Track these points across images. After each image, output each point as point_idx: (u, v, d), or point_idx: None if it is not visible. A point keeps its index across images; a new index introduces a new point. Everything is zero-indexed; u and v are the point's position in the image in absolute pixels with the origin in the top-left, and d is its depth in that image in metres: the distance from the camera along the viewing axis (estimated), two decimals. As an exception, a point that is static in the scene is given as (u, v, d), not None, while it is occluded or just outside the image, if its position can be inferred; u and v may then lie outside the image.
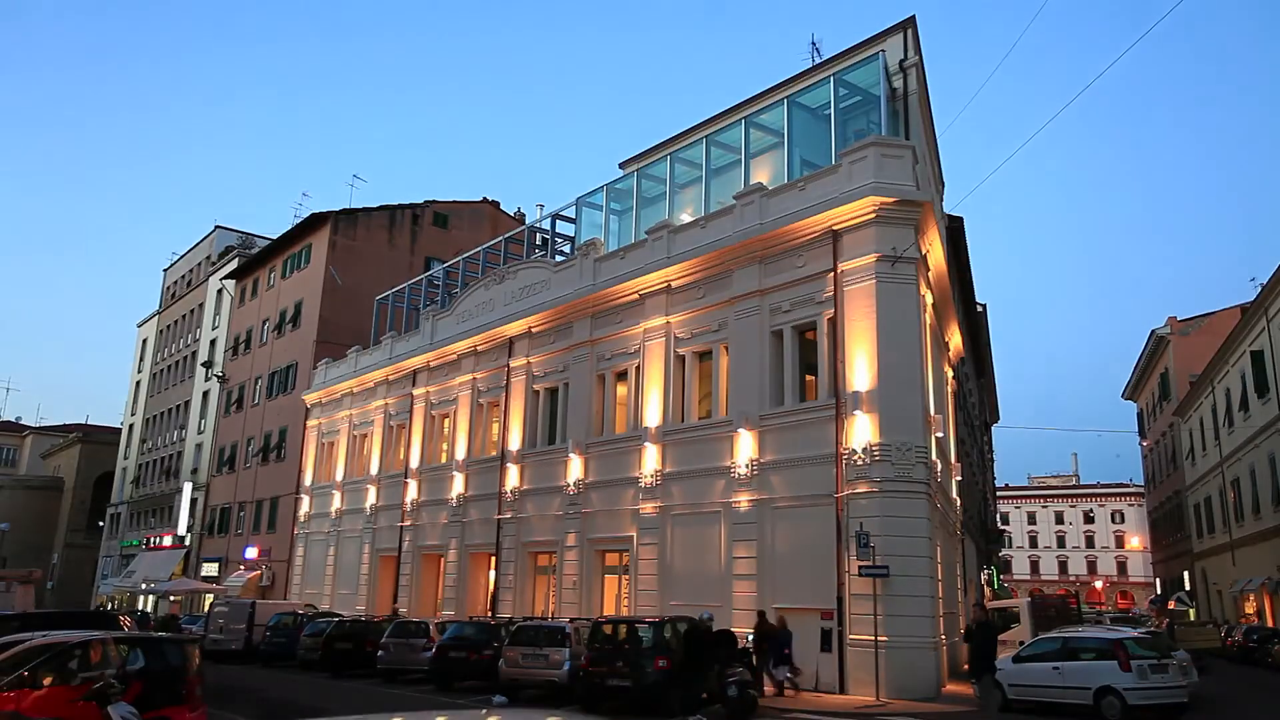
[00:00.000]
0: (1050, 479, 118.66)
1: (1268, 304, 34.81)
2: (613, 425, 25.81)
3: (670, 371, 23.64)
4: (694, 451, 22.44)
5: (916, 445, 18.72)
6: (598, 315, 26.25)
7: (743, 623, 19.86)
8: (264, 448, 46.36)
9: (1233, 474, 41.17)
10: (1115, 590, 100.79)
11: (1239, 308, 45.55)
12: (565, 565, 25.33)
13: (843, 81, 23.44)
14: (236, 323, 53.73)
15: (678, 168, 27.50)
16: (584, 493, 25.29)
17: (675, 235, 24.37)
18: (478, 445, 30.63)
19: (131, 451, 65.22)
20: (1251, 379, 36.97)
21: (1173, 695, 15.72)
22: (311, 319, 44.75)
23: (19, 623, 15.44)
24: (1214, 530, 45.83)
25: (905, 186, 19.64)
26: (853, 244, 19.82)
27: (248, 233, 60.55)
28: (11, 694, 9.22)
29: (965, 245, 36.66)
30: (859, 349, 19.19)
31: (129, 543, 59.99)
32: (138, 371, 69.33)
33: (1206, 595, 48.34)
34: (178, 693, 10.58)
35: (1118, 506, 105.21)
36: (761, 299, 21.54)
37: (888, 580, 17.51)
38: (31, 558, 61.37)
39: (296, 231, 48.10)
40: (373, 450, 36.36)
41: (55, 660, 9.89)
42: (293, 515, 41.35)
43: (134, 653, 10.86)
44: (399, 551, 33.11)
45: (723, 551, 20.96)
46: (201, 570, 49.50)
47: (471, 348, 31.34)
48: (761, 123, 25.18)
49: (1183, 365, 51.65)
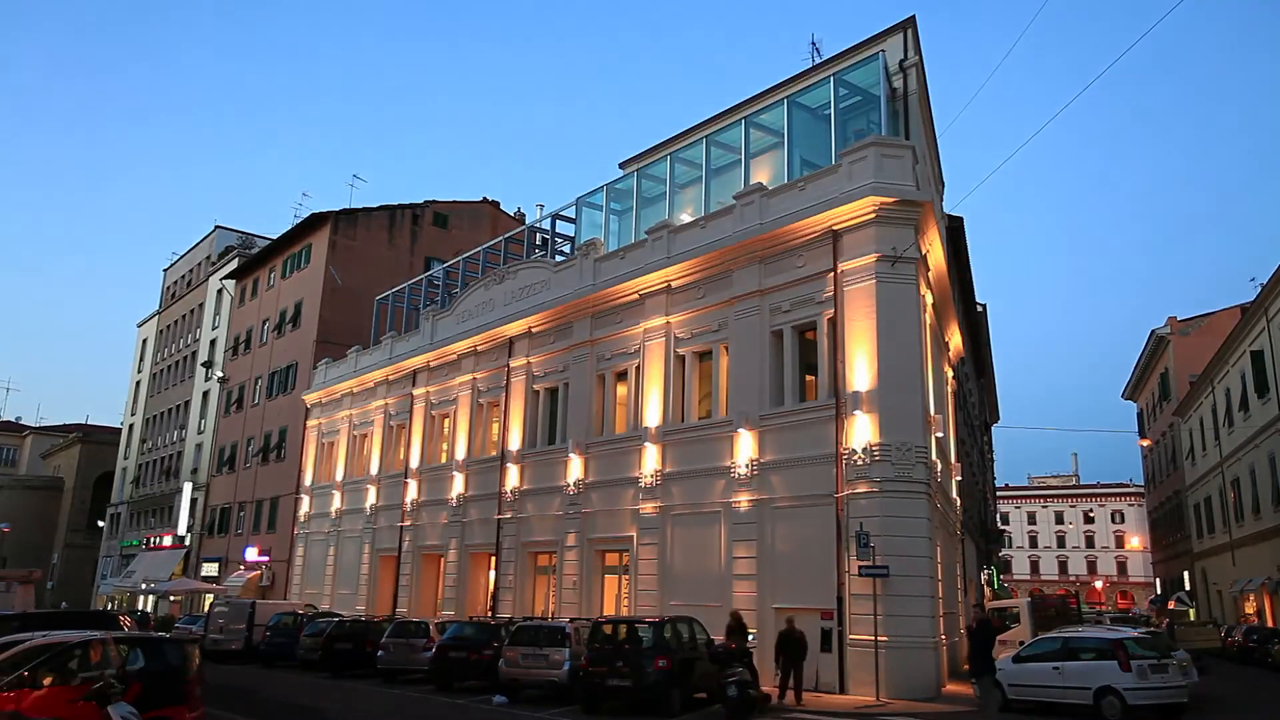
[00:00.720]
0: (1050, 479, 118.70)
1: (1268, 304, 34.79)
2: (613, 425, 25.81)
3: (670, 371, 23.64)
4: (694, 451, 22.43)
5: (916, 445, 18.71)
6: (598, 315, 26.24)
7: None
8: (264, 448, 46.37)
9: (1233, 474, 41.15)
10: (1115, 590, 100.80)
11: (1239, 308, 45.54)
12: (565, 565, 25.32)
13: (843, 81, 23.43)
14: (236, 323, 53.73)
15: (678, 168, 27.49)
16: (584, 493, 25.28)
17: (675, 235, 24.36)
18: (478, 445, 30.63)
19: (131, 451, 65.22)
20: (1251, 379, 36.95)
21: (1173, 695, 15.70)
22: (311, 319, 44.76)
23: (19, 623, 15.43)
24: (1214, 530, 45.82)
25: (905, 186, 19.63)
26: (853, 244, 19.81)
27: (248, 233, 60.59)
28: (11, 694, 9.22)
29: (965, 245, 36.66)
30: (859, 349, 19.18)
31: (129, 543, 60.00)
32: (138, 371, 69.34)
33: (1206, 595, 48.32)
34: (178, 693, 10.59)
35: (1118, 506, 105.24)
36: (761, 299, 21.53)
37: (888, 580, 17.51)
38: (31, 558, 61.42)
39: (296, 231, 48.11)
40: (373, 450, 36.35)
41: (55, 660, 9.88)
42: (293, 515, 41.34)
43: (134, 653, 10.86)
44: (399, 551, 33.10)
45: (723, 551, 20.96)
46: (201, 570, 49.50)
47: (471, 348, 31.34)
48: (761, 123, 25.17)
49: (1183, 365, 51.63)
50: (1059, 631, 18.94)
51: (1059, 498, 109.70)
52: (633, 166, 30.73)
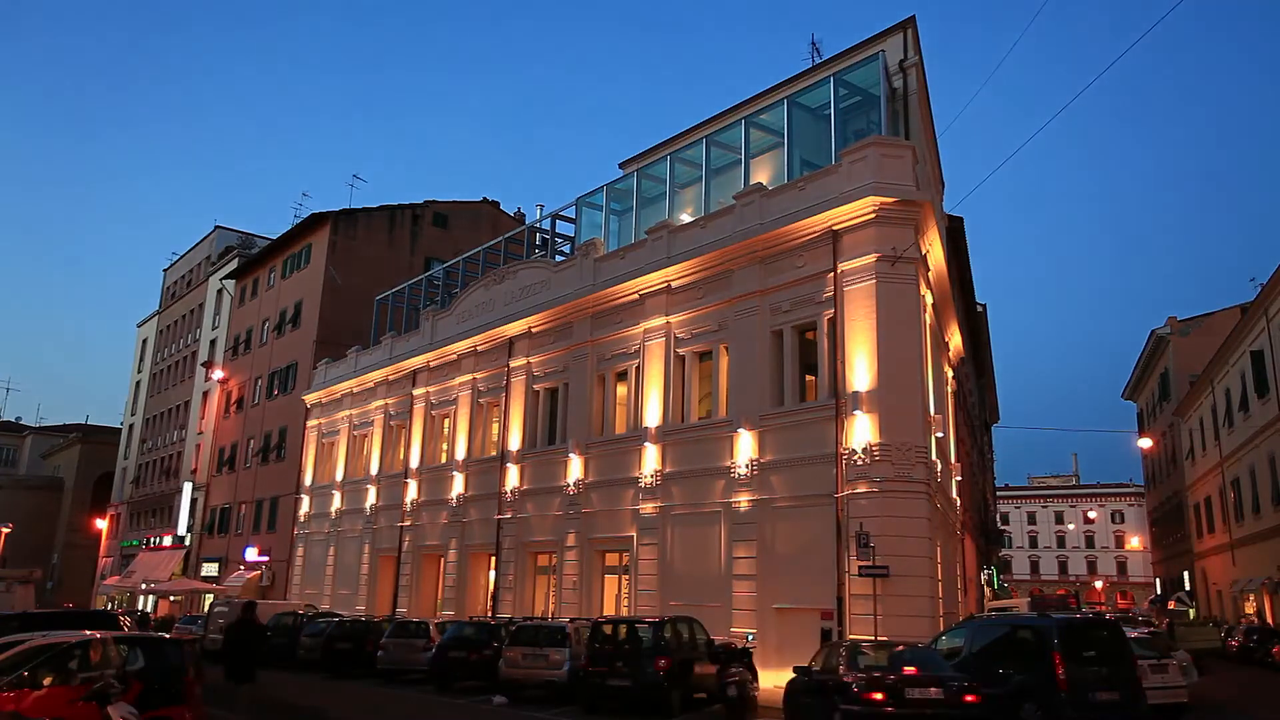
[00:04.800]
0: (1050, 479, 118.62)
1: (1268, 304, 34.79)
2: (613, 425, 25.80)
3: (670, 371, 23.63)
4: (694, 451, 22.43)
5: (916, 445, 18.70)
6: (598, 315, 26.23)
7: (741, 623, 19.92)
8: (264, 448, 46.36)
9: (1232, 474, 41.15)
10: (1115, 590, 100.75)
11: (1239, 308, 45.52)
12: (565, 565, 25.32)
13: (843, 81, 23.42)
14: (236, 323, 53.72)
15: (678, 168, 27.48)
16: (584, 493, 25.28)
17: (675, 235, 24.35)
18: (478, 445, 30.62)
19: (131, 451, 65.22)
20: (1251, 379, 36.95)
21: (1173, 695, 15.70)
22: (311, 319, 44.75)
23: (19, 623, 15.42)
24: (1214, 530, 45.83)
25: (905, 186, 19.62)
26: (853, 244, 19.80)
27: (248, 233, 60.62)
28: (11, 694, 9.22)
29: (965, 245, 36.64)
30: (859, 349, 19.18)
31: (129, 543, 60.00)
32: (138, 371, 69.33)
33: (1206, 595, 48.32)
34: (178, 693, 10.59)
35: (1118, 506, 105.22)
36: (761, 299, 21.52)
37: (888, 580, 17.50)
38: (31, 558, 61.37)
39: (296, 231, 48.11)
40: (373, 450, 36.34)
41: (55, 660, 9.88)
42: (293, 515, 41.33)
43: (134, 653, 10.86)
44: (399, 551, 33.09)
45: (723, 551, 20.95)
46: (201, 570, 49.50)
47: (471, 348, 31.33)
48: (761, 123, 25.16)
49: (1183, 365, 51.61)
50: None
51: (1059, 498, 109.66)
52: (633, 166, 30.72)
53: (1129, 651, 13.36)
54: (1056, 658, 12.54)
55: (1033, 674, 12.87)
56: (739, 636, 19.40)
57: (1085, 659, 12.80)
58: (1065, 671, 12.43)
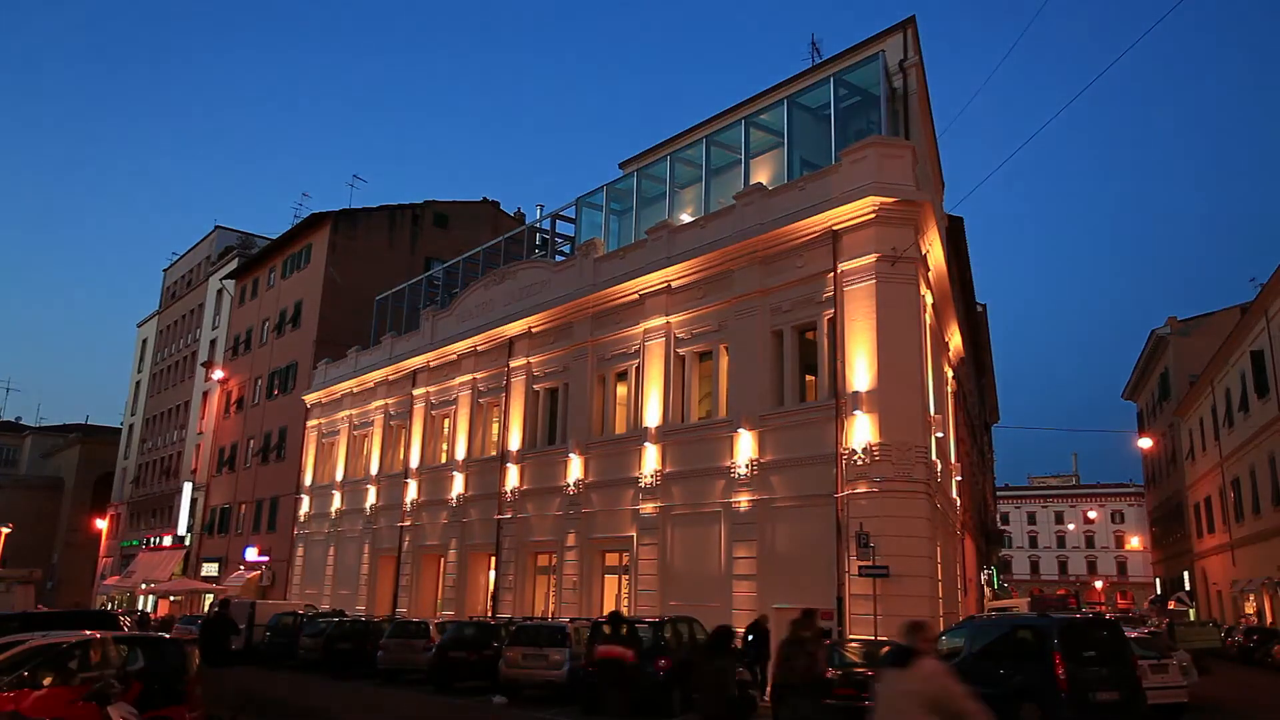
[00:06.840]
0: (1050, 479, 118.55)
1: (1268, 304, 34.79)
2: (613, 425, 25.80)
3: (670, 371, 23.63)
4: (694, 451, 22.43)
5: (916, 445, 18.70)
6: (598, 315, 26.23)
7: (741, 623, 19.87)
8: (264, 448, 46.35)
9: (1232, 474, 41.14)
10: (1115, 590, 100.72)
11: (1239, 308, 45.49)
12: (565, 565, 25.31)
13: (842, 81, 23.42)
14: (236, 323, 53.71)
15: (678, 168, 27.48)
16: (584, 493, 25.28)
17: (675, 235, 24.35)
18: (478, 445, 30.62)
19: (131, 451, 65.21)
20: (1251, 379, 36.95)
21: (1173, 695, 15.69)
22: (311, 319, 44.73)
23: (19, 623, 15.41)
24: (1214, 530, 45.82)
25: (905, 186, 19.62)
26: (853, 244, 19.79)
27: (248, 233, 60.57)
28: (11, 694, 9.22)
29: (965, 245, 36.65)
30: (859, 349, 19.18)
31: (129, 543, 59.99)
32: (137, 371, 69.32)
33: (1206, 595, 48.31)
34: (177, 693, 10.60)
35: (1118, 506, 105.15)
36: (761, 299, 21.52)
37: (888, 580, 17.49)
38: (31, 558, 61.32)
39: (296, 231, 48.10)
40: (372, 450, 36.34)
41: (55, 660, 9.89)
42: (293, 515, 41.32)
43: (134, 653, 10.86)
44: (399, 551, 33.09)
45: (723, 551, 20.95)
46: (201, 570, 49.48)
47: (471, 348, 31.33)
48: (761, 123, 25.16)
49: (1183, 365, 51.59)
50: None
51: (1059, 498, 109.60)
52: (633, 166, 30.72)
53: (1129, 651, 13.34)
54: (1056, 658, 12.51)
55: (1033, 674, 12.86)
56: (739, 637, 19.37)
57: (1085, 659, 12.77)
58: (1065, 671, 12.39)
